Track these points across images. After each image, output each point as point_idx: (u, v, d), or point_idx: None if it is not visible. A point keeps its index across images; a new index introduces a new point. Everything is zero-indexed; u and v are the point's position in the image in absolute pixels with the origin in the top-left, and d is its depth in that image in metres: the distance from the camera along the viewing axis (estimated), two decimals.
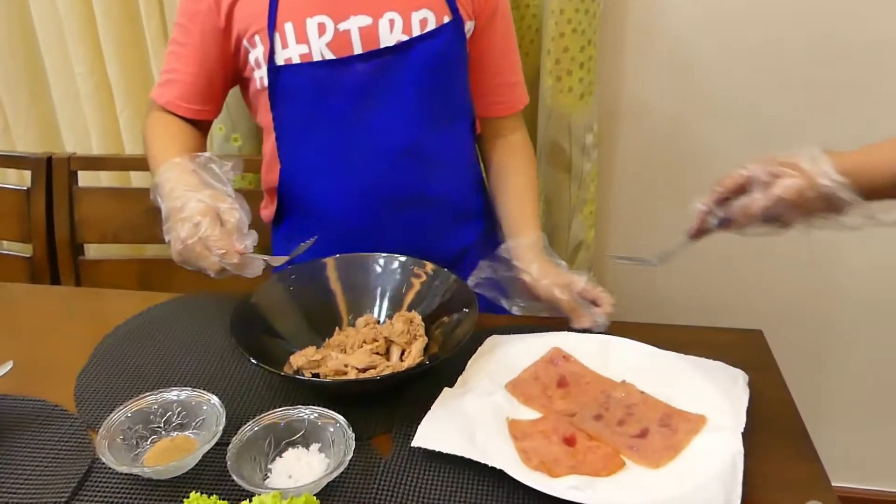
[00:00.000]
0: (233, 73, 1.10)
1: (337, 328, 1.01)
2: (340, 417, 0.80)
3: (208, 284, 1.43)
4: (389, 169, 1.09)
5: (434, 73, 1.07)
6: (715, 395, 0.87)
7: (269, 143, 1.12)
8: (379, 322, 1.01)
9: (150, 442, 0.83)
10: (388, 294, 1.03)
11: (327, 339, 0.99)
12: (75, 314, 1.13)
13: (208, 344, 1.02)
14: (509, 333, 1.00)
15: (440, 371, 0.91)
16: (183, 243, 0.86)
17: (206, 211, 0.86)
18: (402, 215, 1.11)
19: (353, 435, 0.78)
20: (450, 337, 0.94)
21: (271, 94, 1.06)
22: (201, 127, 1.14)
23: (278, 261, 0.93)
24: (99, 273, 1.46)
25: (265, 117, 1.10)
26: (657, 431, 0.84)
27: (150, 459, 0.81)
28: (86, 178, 1.48)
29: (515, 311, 1.08)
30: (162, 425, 0.84)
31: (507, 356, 0.96)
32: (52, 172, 1.45)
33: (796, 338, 1.61)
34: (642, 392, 0.90)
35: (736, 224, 0.82)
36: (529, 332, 1.01)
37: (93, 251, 1.52)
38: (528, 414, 0.88)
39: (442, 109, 1.10)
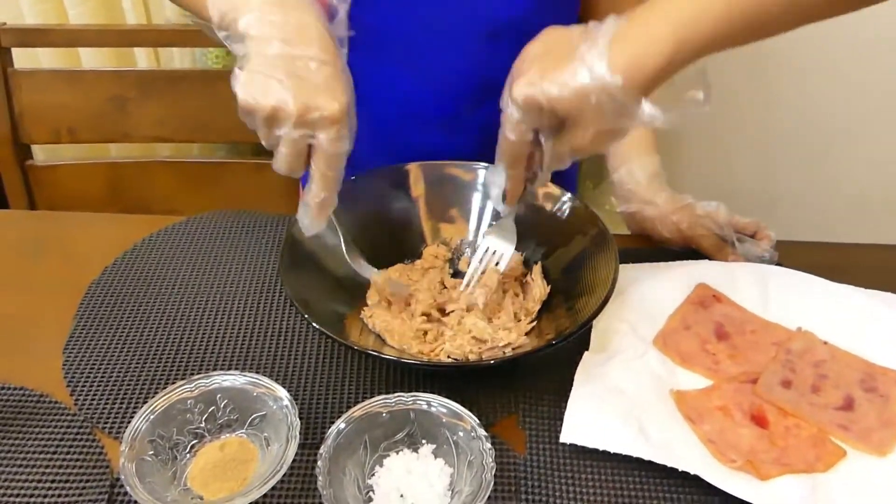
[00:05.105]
0: None
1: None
2: (458, 406, 0.58)
3: (209, 191, 1.14)
4: (478, 50, 0.80)
5: None
6: None
7: None
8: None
9: (191, 450, 0.59)
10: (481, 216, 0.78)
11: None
12: (40, 251, 0.82)
13: (241, 288, 0.76)
14: (630, 262, 0.77)
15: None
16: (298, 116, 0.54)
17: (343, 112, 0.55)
18: (479, 110, 0.83)
19: (486, 434, 0.56)
20: (577, 272, 0.71)
21: None
22: None
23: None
24: (54, 182, 1.14)
25: None
26: (865, 400, 0.64)
27: (197, 481, 0.57)
28: (23, 59, 1.13)
29: None
30: (203, 425, 0.60)
31: (643, 297, 0.73)
32: None
33: None
34: (826, 343, 0.69)
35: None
36: (659, 261, 0.78)
37: (43, 154, 1.19)
38: (690, 380, 0.67)
39: None
